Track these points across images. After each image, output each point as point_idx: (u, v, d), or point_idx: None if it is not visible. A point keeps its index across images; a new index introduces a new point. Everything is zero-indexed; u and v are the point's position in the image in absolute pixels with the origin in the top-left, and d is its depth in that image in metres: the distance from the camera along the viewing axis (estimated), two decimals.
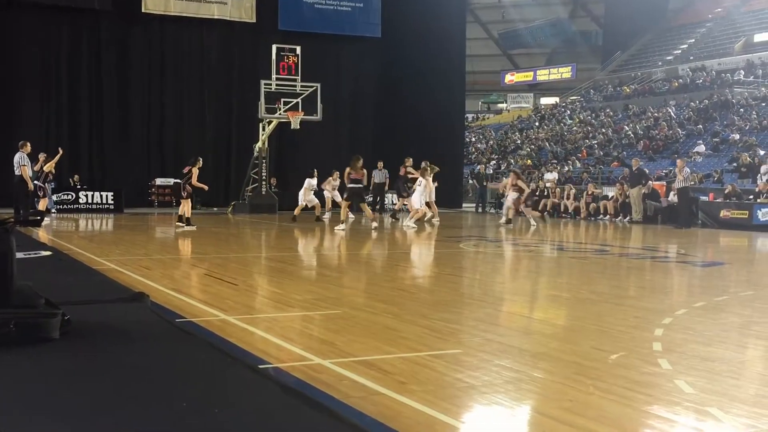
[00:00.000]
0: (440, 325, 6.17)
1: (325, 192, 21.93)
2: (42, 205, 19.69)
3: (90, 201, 24.15)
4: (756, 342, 6.08)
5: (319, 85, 24.55)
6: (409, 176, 21.32)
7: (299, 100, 24.33)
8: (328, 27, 28.78)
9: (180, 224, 16.92)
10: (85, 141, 26.51)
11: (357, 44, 29.59)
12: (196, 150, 27.31)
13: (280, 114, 24.24)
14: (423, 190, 19.53)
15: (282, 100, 24.27)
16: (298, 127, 24.28)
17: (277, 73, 24.34)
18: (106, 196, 24.47)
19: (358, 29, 29.34)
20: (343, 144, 28.45)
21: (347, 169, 18.24)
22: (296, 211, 20.66)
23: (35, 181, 20.10)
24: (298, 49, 24.70)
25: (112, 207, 24.26)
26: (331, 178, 21.76)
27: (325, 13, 28.86)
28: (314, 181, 21.16)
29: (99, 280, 8.31)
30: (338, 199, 20.80)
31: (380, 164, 23.91)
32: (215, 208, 25.97)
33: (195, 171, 17.34)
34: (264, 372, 4.47)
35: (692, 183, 21.84)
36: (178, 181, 24.89)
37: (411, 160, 22.15)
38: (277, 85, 24.30)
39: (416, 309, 7.03)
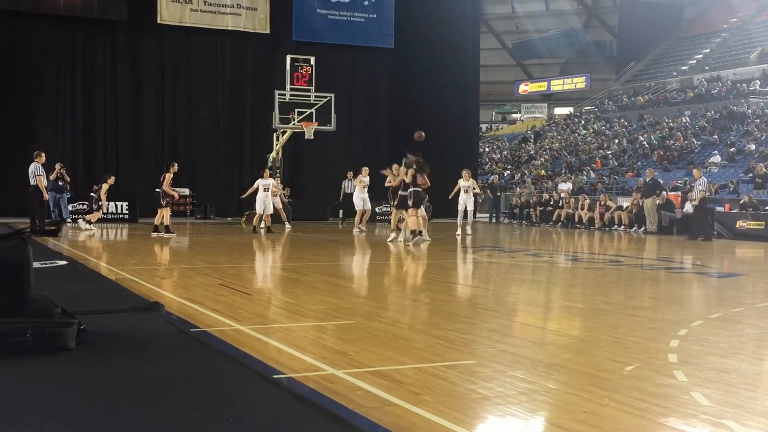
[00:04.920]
0: (453, 335, 6.16)
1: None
2: (94, 217, 19.97)
3: (105, 211, 24.23)
4: None
5: (332, 95, 24.62)
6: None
7: (313, 110, 24.41)
8: (341, 38, 28.90)
9: (157, 233, 17.26)
10: (100, 150, 26.69)
11: (370, 55, 29.68)
12: (210, 160, 27.56)
13: (294, 124, 24.32)
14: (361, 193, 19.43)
15: (296, 110, 24.35)
16: (312, 137, 24.35)
17: (291, 83, 24.44)
18: (121, 205, 24.57)
19: (372, 40, 29.43)
20: (357, 154, 28.50)
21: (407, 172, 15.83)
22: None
23: (92, 194, 20.36)
24: (312, 60, 24.80)
25: (126, 216, 24.36)
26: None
27: (339, 24, 28.98)
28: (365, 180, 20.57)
29: (114, 290, 8.35)
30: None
31: (350, 174, 24.01)
32: (229, 218, 26.05)
33: (168, 176, 17.66)
34: (277, 382, 4.47)
35: (709, 193, 21.68)
36: (184, 190, 25.23)
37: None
38: (291, 95, 24.40)
39: (429, 319, 7.03)
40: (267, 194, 19.89)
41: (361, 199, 20.60)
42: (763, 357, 5.95)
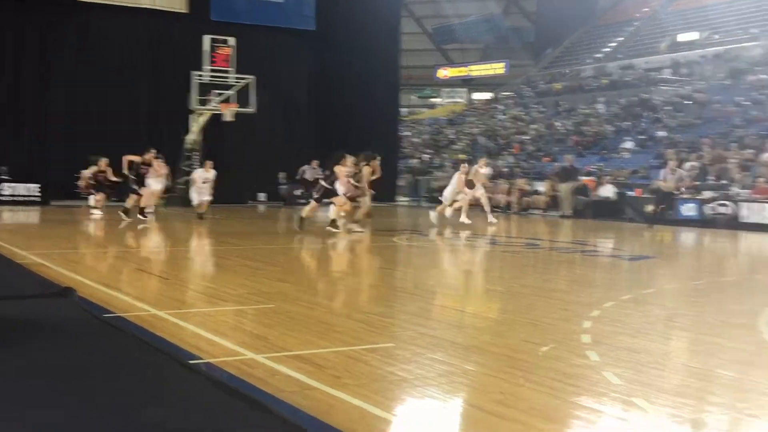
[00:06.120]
0: (373, 318, 6.19)
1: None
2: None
3: (15, 193, 23.39)
4: (680, 334, 6.27)
5: (253, 77, 24.29)
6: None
7: (233, 92, 24.05)
8: (261, 18, 28.48)
9: (142, 217, 16.88)
10: (10, 130, 25.68)
11: (291, 37, 29.38)
12: (126, 141, 26.83)
13: (213, 105, 23.92)
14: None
15: (215, 91, 23.95)
16: (233, 119, 24.01)
17: (210, 64, 24.00)
18: (32, 188, 23.74)
19: (292, 21, 29.12)
20: (279, 137, 28.29)
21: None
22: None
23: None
24: (232, 41, 24.41)
25: (38, 199, 23.55)
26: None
27: (258, 5, 28.55)
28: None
29: (22, 274, 8.08)
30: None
31: (315, 163, 23.82)
32: None
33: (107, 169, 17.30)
34: (195, 367, 4.42)
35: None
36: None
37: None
38: (210, 76, 23.97)
39: (350, 303, 7.04)
40: (204, 186, 19.41)
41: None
42: (671, 337, 6.18)
